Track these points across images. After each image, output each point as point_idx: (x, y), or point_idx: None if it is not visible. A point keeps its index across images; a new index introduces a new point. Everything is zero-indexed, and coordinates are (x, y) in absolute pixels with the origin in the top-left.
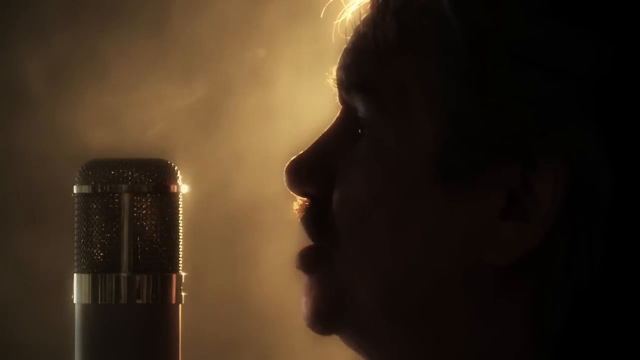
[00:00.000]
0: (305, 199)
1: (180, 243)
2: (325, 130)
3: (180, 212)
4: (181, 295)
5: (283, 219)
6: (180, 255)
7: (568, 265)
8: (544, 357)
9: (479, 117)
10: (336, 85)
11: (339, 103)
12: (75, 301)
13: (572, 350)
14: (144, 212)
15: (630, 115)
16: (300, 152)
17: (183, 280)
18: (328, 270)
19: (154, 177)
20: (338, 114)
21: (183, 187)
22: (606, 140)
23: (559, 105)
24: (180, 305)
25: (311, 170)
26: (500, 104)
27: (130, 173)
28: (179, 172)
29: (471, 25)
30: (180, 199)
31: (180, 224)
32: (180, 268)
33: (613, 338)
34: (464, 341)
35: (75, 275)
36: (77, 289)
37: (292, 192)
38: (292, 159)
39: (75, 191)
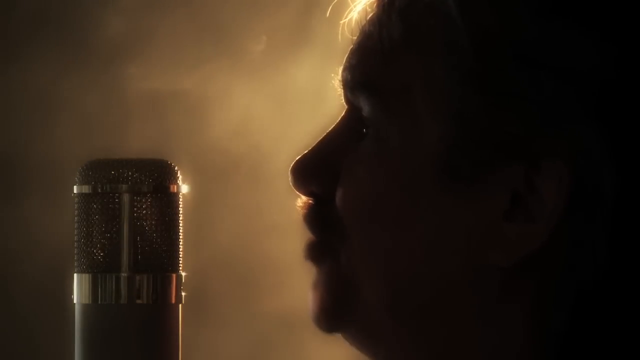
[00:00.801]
0: (309, 198)
1: (180, 243)
2: (330, 129)
3: (180, 212)
4: (181, 295)
5: (286, 218)
6: (181, 255)
7: (571, 265)
8: (546, 357)
9: (483, 117)
10: (341, 86)
11: (344, 103)
12: (75, 301)
13: (574, 351)
14: (144, 212)
15: (633, 115)
16: (305, 152)
17: (183, 280)
18: (334, 262)
19: (154, 177)
20: (343, 113)
21: (183, 187)
22: (609, 140)
23: (562, 105)
24: (180, 305)
25: (316, 169)
26: (504, 104)
27: (130, 173)
28: (179, 172)
29: (476, 25)
30: (180, 199)
31: (180, 224)
32: (181, 268)
33: (615, 338)
34: (467, 341)
35: (75, 275)
36: (77, 289)
37: (296, 192)
38: (296, 158)
39: (75, 191)
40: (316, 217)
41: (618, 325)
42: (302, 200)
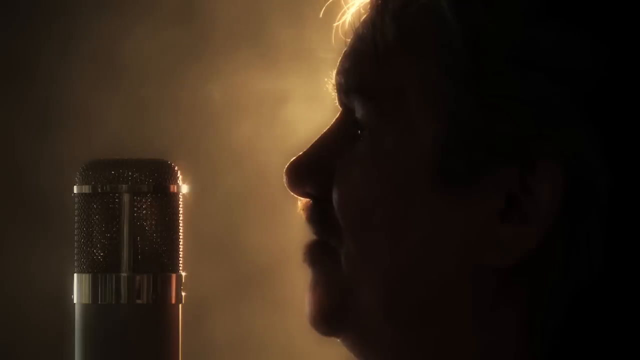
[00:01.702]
0: (306, 199)
1: (181, 243)
2: (325, 131)
3: (180, 212)
4: (181, 295)
5: (284, 217)
6: (181, 255)
7: (566, 266)
8: (541, 359)
9: (477, 119)
10: (335, 90)
11: (338, 106)
12: (75, 301)
13: (569, 353)
14: (144, 212)
15: (627, 116)
16: (300, 153)
17: (183, 280)
18: (333, 265)
19: (154, 177)
20: (337, 115)
21: (183, 187)
22: (604, 141)
23: (557, 106)
24: (180, 305)
25: (310, 170)
26: (498, 106)
27: (130, 173)
28: (179, 172)
29: (470, 26)
30: (180, 199)
31: (181, 224)
32: (181, 268)
33: (611, 340)
34: (462, 344)
35: (75, 275)
36: (77, 289)
37: (291, 192)
38: (291, 159)
39: (75, 191)
40: (318, 216)
41: (613, 327)
42: (302, 201)
